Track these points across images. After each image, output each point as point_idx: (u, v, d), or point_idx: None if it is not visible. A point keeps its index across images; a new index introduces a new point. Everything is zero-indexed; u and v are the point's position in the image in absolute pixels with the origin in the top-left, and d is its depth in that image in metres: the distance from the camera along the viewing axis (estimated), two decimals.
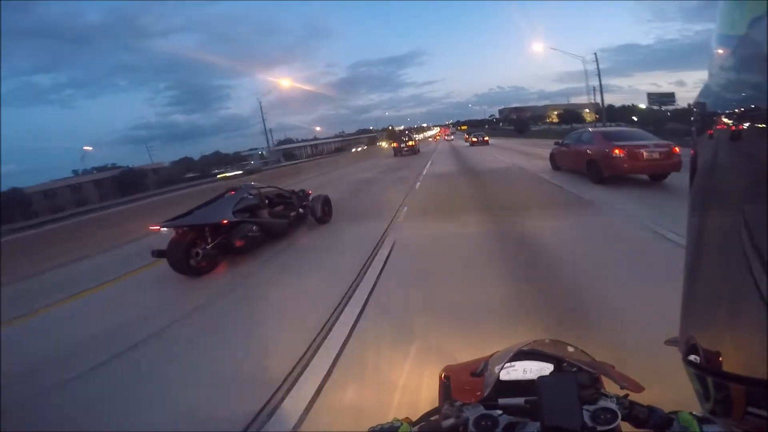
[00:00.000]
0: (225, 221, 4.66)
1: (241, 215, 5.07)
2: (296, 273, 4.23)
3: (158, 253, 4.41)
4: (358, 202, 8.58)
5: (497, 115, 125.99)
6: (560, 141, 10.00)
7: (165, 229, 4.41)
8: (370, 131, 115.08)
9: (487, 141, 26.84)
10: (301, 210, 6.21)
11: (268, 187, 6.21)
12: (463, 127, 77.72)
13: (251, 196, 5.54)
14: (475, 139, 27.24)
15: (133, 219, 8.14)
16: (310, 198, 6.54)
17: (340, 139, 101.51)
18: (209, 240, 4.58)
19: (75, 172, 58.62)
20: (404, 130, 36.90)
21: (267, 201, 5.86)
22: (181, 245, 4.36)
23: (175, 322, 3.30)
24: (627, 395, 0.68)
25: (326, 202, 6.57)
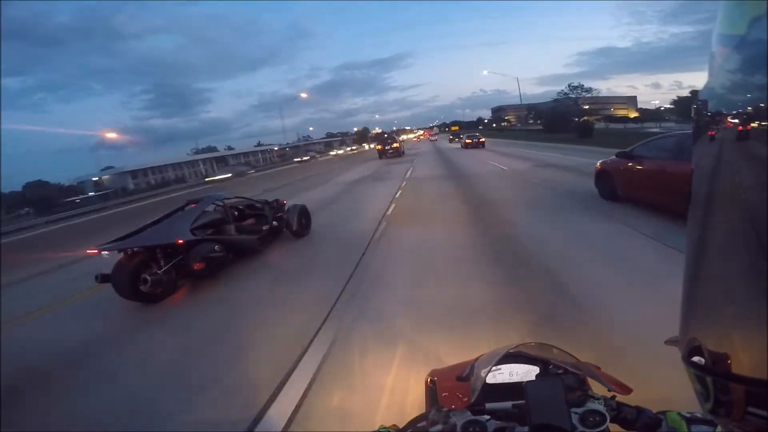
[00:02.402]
0: (180, 241, 4.07)
1: (202, 232, 4.49)
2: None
3: (103, 278, 3.83)
4: None
5: (490, 115, 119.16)
6: (628, 150, 5.68)
7: (106, 252, 3.82)
8: (343, 134, 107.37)
9: (482, 142, 25.16)
10: (275, 222, 5.63)
11: (236, 197, 5.62)
12: (454, 128, 73.38)
13: (215, 210, 4.96)
14: (469, 141, 25.61)
15: None
16: (286, 208, 5.96)
17: (294, 146, 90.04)
18: (162, 263, 4.00)
19: None
20: (383, 132, 36.74)
21: (235, 214, 5.29)
22: (128, 269, 3.78)
23: None
24: (614, 396, 0.67)
25: (303, 212, 6.00)
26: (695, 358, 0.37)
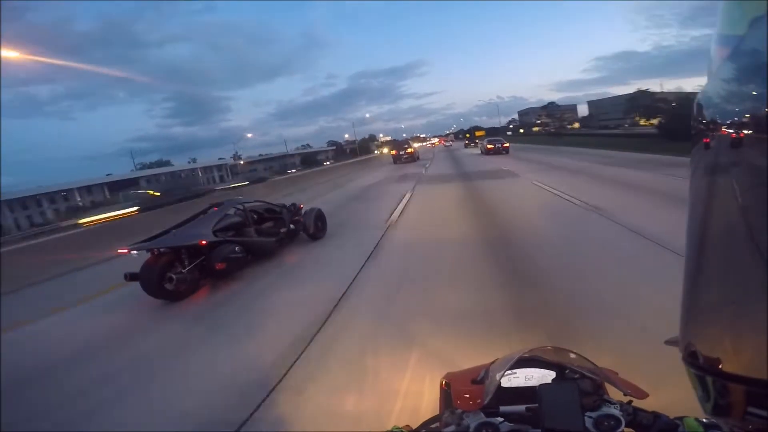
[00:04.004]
0: (203, 242, 4.29)
1: (223, 234, 4.70)
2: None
3: (131, 277, 4.08)
4: None
5: (517, 120, 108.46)
6: None
7: (135, 252, 4.06)
8: (350, 143, 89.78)
9: (506, 147, 23.95)
10: (292, 226, 5.82)
11: (256, 201, 5.84)
12: (479, 133, 63.77)
13: (236, 213, 5.18)
14: (491, 146, 24.26)
15: None
16: (303, 212, 6.14)
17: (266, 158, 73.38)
18: (186, 263, 4.22)
19: None
20: (393, 140, 35.93)
21: (255, 217, 5.50)
22: (155, 268, 4.01)
23: None
24: (630, 401, 0.67)
25: (319, 216, 6.17)
26: (695, 358, 0.38)
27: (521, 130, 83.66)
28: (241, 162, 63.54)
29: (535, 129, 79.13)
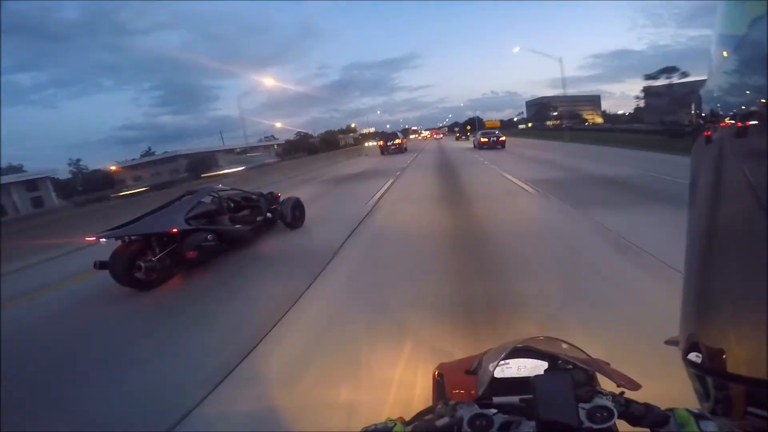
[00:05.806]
0: (174, 230, 4.26)
1: (196, 222, 4.67)
2: None
3: (101, 265, 4.03)
4: None
5: (524, 113, 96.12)
6: None
7: (104, 240, 4.02)
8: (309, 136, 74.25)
9: (502, 141, 22.01)
10: (269, 214, 5.81)
11: (232, 189, 5.80)
12: (493, 123, 55.16)
13: (211, 201, 5.14)
14: (485, 139, 22.32)
15: None
16: (280, 200, 6.13)
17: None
18: (157, 251, 4.19)
19: None
20: (382, 132, 32.78)
21: (231, 205, 5.46)
22: (124, 256, 3.98)
23: None
24: (623, 393, 0.67)
25: (297, 205, 6.16)
26: (695, 358, 0.38)
27: (530, 124, 72.87)
28: (113, 168, 41.77)
29: (550, 123, 67.22)
